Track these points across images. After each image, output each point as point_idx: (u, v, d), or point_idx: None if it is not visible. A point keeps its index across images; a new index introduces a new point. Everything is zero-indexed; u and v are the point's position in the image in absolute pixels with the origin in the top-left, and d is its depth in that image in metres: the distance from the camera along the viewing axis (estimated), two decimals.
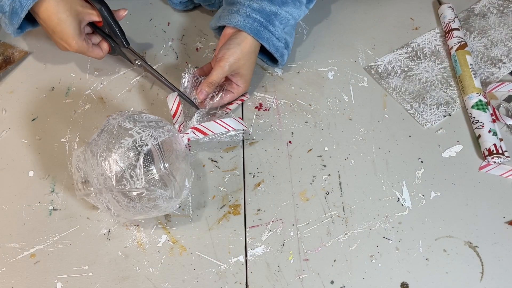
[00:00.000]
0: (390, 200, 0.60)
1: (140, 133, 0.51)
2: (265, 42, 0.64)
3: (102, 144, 0.51)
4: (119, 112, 0.55)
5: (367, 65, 0.74)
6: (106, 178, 0.50)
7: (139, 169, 0.50)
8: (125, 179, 0.49)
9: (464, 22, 0.80)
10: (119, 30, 0.65)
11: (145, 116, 0.55)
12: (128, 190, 0.49)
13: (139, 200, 0.51)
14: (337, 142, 0.66)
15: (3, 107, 0.69)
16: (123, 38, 0.65)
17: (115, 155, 0.50)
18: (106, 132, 0.52)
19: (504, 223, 0.58)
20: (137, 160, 0.50)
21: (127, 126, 0.52)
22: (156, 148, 0.51)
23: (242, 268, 0.55)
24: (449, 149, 0.65)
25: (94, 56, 0.66)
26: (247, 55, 0.63)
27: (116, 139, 0.50)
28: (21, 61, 0.74)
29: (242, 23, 0.62)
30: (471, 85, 0.68)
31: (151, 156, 0.51)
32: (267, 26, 0.63)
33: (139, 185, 0.49)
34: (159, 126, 0.53)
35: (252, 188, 0.61)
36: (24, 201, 0.60)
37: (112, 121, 0.53)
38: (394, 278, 0.54)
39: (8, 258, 0.56)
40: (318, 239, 0.57)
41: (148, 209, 0.52)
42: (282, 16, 0.64)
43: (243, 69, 0.64)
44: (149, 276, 0.55)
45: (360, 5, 0.83)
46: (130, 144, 0.50)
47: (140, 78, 0.72)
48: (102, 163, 0.50)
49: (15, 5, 0.58)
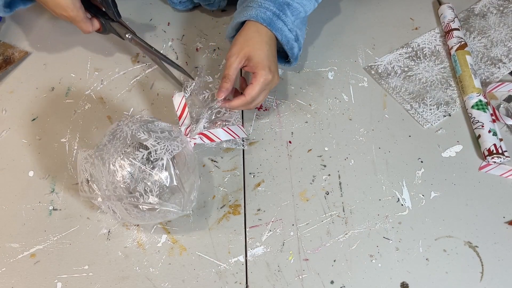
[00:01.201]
0: (390, 200, 0.60)
1: (155, 146, 0.50)
2: (278, 32, 0.61)
3: (114, 153, 0.50)
4: (131, 118, 0.54)
5: (367, 65, 0.74)
6: (116, 187, 0.49)
7: (153, 184, 0.49)
8: (138, 192, 0.49)
9: (464, 22, 0.80)
10: (111, 1, 0.64)
11: (158, 124, 0.54)
12: (140, 204, 0.49)
13: (149, 212, 0.50)
14: (337, 142, 0.66)
15: (3, 107, 0.69)
16: (115, 10, 0.64)
17: (129, 166, 0.49)
18: (119, 140, 0.51)
19: (504, 223, 0.58)
20: (151, 175, 0.49)
21: (142, 137, 0.51)
22: (171, 162, 0.51)
23: (242, 268, 0.55)
24: (449, 149, 0.65)
25: (84, 29, 0.64)
26: (248, 37, 0.60)
27: (130, 149, 0.50)
28: (21, 61, 0.74)
29: (255, 13, 0.61)
30: (471, 85, 0.68)
31: (165, 170, 0.50)
32: (279, 16, 0.61)
33: (152, 201, 0.49)
34: (172, 137, 0.53)
35: (252, 188, 0.61)
36: (24, 201, 0.60)
37: (125, 128, 0.52)
38: (394, 278, 0.54)
39: (8, 258, 0.56)
40: (318, 239, 0.57)
41: (156, 218, 0.52)
42: (293, 7, 0.63)
43: (250, 52, 0.59)
44: (149, 276, 0.55)
45: (360, 5, 0.83)
46: (145, 156, 0.49)
47: (140, 78, 0.72)
48: (113, 172, 0.49)
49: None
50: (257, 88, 0.59)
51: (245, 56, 0.59)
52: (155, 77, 0.72)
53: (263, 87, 0.59)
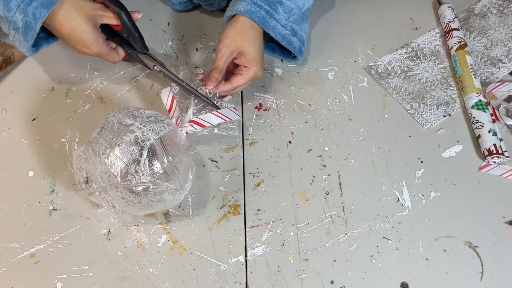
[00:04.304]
0: (390, 200, 0.60)
1: (141, 128, 0.51)
2: (271, 30, 0.64)
3: (104, 142, 0.51)
4: (117, 109, 0.55)
5: (367, 65, 0.74)
6: (110, 175, 0.50)
7: (144, 164, 0.50)
8: (130, 174, 0.49)
9: (464, 22, 0.80)
10: (138, 35, 0.62)
11: (143, 111, 0.55)
12: (134, 185, 0.50)
13: (145, 195, 0.51)
14: (337, 142, 0.66)
15: (3, 107, 0.69)
16: (142, 43, 0.63)
17: (118, 151, 0.50)
18: (107, 130, 0.52)
19: (504, 223, 0.58)
20: (141, 155, 0.50)
21: (128, 122, 0.52)
22: (158, 142, 0.51)
23: (242, 268, 0.55)
24: (449, 149, 0.65)
25: (111, 60, 0.64)
26: (242, 32, 0.62)
27: (118, 135, 0.51)
28: (21, 61, 0.74)
29: (250, 10, 0.62)
30: (471, 85, 0.68)
31: (154, 151, 0.51)
32: (272, 14, 0.63)
33: (145, 180, 0.50)
34: (158, 121, 0.54)
35: (252, 188, 0.61)
36: (24, 201, 0.60)
37: (112, 118, 0.53)
38: (394, 278, 0.54)
39: (8, 258, 0.56)
40: (318, 239, 0.57)
41: (153, 203, 0.52)
42: (285, 5, 0.64)
43: (243, 46, 0.62)
44: (149, 276, 0.55)
45: (360, 5, 0.83)
46: (132, 139, 0.50)
47: (140, 78, 0.72)
48: (105, 160, 0.50)
49: (28, 18, 0.55)
50: (246, 81, 0.63)
51: (237, 50, 0.62)
52: (155, 77, 0.72)
53: (251, 80, 0.64)
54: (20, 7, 0.55)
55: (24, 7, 0.55)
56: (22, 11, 0.55)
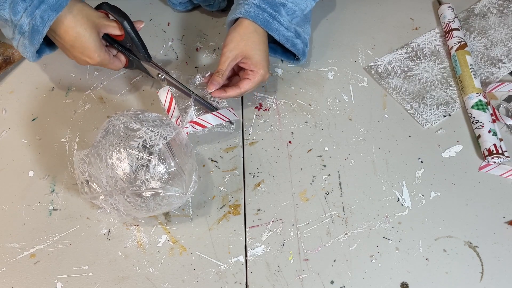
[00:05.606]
0: (390, 200, 0.60)
1: (149, 133, 0.51)
2: (274, 33, 0.64)
3: (110, 147, 0.50)
4: (121, 112, 0.55)
5: (367, 65, 0.74)
6: (117, 180, 0.49)
7: (153, 169, 0.50)
8: (139, 180, 0.49)
9: (464, 22, 0.80)
10: (142, 44, 0.62)
11: (148, 114, 0.55)
12: (143, 191, 0.49)
13: (153, 199, 0.51)
14: (337, 142, 0.66)
15: (3, 107, 0.69)
16: (145, 52, 0.63)
17: (126, 157, 0.49)
18: (112, 134, 0.51)
19: (504, 223, 0.58)
20: (150, 161, 0.50)
21: (134, 127, 0.51)
22: (166, 147, 0.52)
23: (242, 268, 0.55)
24: (449, 149, 0.65)
25: (113, 68, 0.64)
26: (246, 36, 0.62)
27: (125, 140, 0.50)
28: (21, 61, 0.74)
29: (253, 13, 0.62)
30: (471, 85, 0.68)
31: (162, 155, 0.51)
32: (275, 17, 0.63)
33: (155, 185, 0.50)
34: (164, 124, 0.54)
35: (252, 188, 0.61)
36: (24, 201, 0.60)
37: (116, 122, 0.52)
38: (394, 278, 0.54)
39: (8, 258, 0.56)
40: (318, 239, 0.57)
41: (160, 207, 0.52)
42: (288, 7, 0.64)
43: (247, 51, 0.62)
44: (149, 276, 0.55)
45: (360, 5, 0.83)
46: (140, 145, 0.50)
47: (140, 78, 0.73)
48: (112, 165, 0.49)
49: (35, 22, 0.54)
50: (254, 85, 0.63)
51: (242, 54, 0.62)
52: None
53: (259, 83, 0.64)
54: (28, 10, 0.54)
55: (31, 10, 0.54)
56: (29, 15, 0.54)
